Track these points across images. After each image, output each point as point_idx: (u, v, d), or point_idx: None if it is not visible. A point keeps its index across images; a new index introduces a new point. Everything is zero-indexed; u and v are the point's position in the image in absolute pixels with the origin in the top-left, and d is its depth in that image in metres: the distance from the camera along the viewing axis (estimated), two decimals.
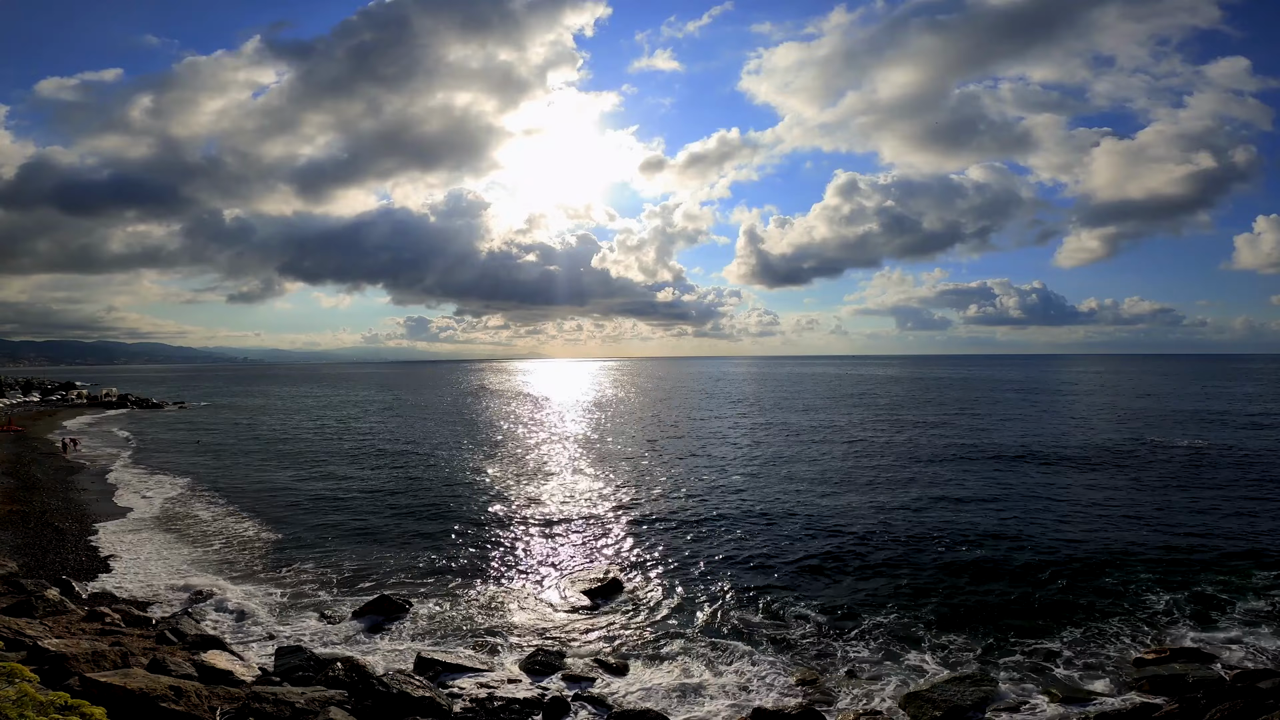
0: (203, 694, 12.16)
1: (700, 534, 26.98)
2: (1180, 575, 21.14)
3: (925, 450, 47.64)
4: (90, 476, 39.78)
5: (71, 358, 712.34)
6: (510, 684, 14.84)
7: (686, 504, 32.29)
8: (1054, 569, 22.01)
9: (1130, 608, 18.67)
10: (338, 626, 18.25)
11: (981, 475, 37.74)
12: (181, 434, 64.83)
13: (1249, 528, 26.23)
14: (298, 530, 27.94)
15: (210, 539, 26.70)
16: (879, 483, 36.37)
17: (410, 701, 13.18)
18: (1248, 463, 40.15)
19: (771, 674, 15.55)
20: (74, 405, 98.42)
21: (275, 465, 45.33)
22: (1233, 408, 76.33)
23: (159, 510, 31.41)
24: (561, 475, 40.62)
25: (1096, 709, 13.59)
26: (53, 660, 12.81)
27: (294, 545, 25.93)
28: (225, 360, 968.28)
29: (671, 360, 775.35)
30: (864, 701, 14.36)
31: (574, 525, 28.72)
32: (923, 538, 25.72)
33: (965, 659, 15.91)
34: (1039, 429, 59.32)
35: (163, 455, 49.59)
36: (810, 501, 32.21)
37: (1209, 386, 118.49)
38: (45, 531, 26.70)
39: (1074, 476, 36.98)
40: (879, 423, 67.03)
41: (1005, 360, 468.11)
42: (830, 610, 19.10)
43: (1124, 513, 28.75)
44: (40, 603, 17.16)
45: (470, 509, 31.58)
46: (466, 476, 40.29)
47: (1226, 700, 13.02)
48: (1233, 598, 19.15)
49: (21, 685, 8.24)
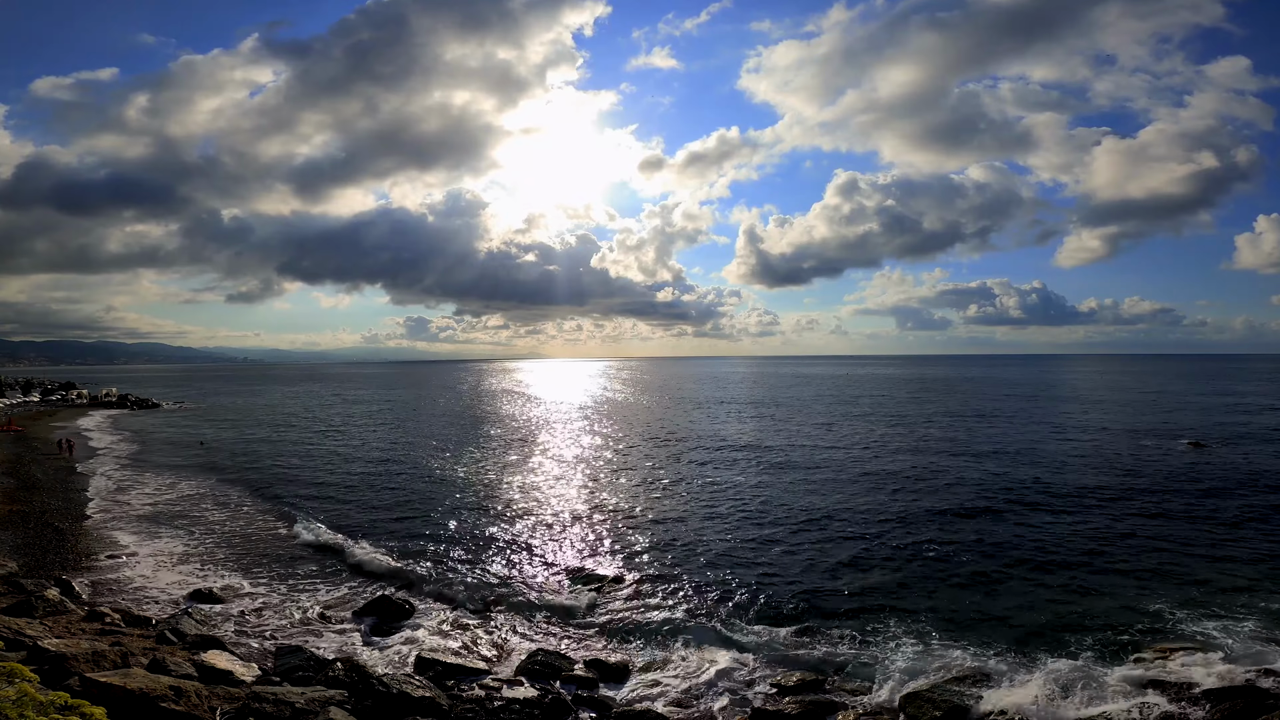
0: (203, 694, 12.16)
1: (700, 534, 26.97)
2: (1180, 575, 21.12)
3: (925, 450, 47.64)
4: (90, 476, 39.77)
5: (71, 358, 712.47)
6: (510, 684, 14.82)
7: (687, 504, 32.28)
8: (1054, 569, 22.01)
9: (1130, 607, 18.64)
10: (338, 626, 18.25)
11: (982, 475, 37.72)
12: (182, 434, 64.84)
13: (1249, 528, 26.21)
14: (298, 530, 27.92)
15: (211, 538, 26.69)
16: (879, 483, 36.35)
17: (410, 701, 13.18)
18: (1248, 463, 40.15)
19: (771, 674, 15.53)
20: (74, 405, 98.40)
21: (275, 465, 45.33)
22: (1233, 407, 76.31)
23: (159, 510, 31.40)
24: (562, 476, 40.61)
25: (1097, 709, 13.59)
26: (53, 660, 12.82)
27: (294, 545, 25.94)
28: (225, 360, 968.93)
29: (671, 360, 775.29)
30: (864, 701, 14.36)
31: (574, 526, 28.71)
32: (922, 538, 25.71)
33: (965, 659, 15.89)
34: (1039, 429, 59.31)
35: (163, 455, 49.60)
36: (811, 502, 32.20)
37: (1209, 387, 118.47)
38: (45, 531, 26.69)
39: (1073, 477, 36.95)
40: (879, 423, 67.03)
41: (1005, 360, 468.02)
42: (830, 611, 19.10)
43: (1124, 513, 28.72)
44: (40, 603, 17.17)
45: (471, 509, 31.57)
46: (467, 476, 40.29)
47: (1226, 700, 13.02)
48: (1233, 598, 19.12)
49: (21, 685, 8.24)
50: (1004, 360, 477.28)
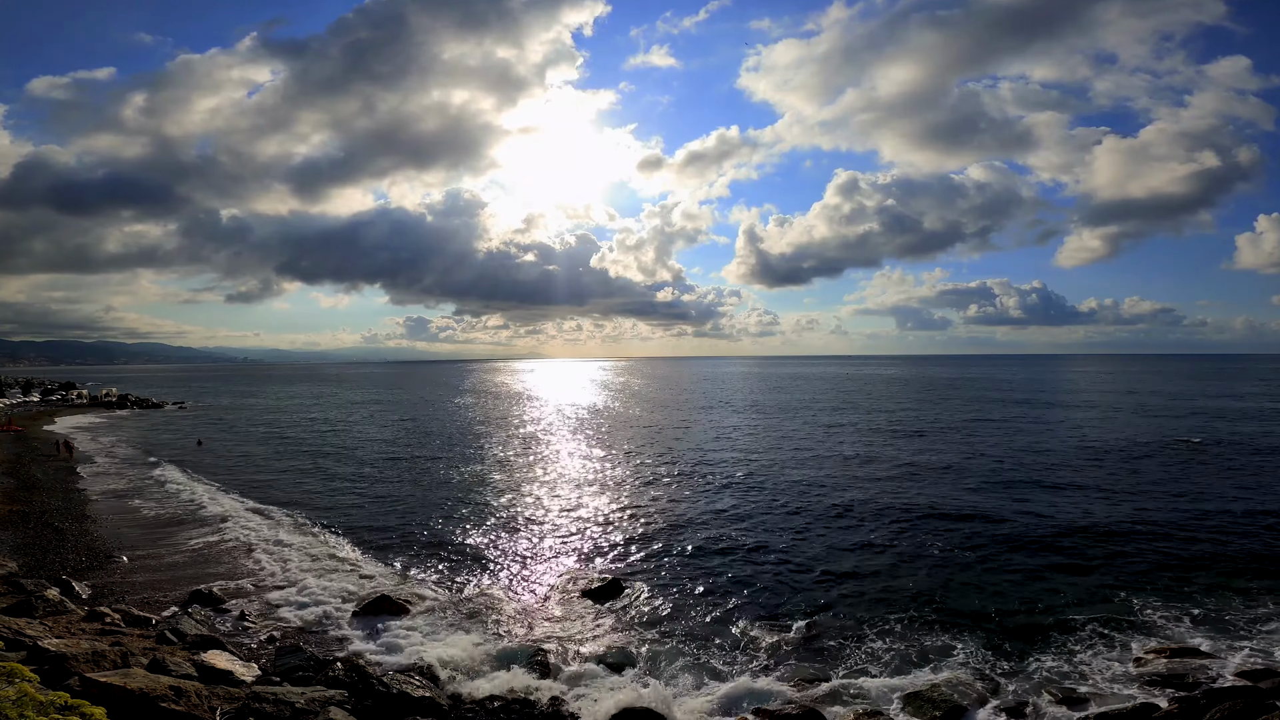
0: (203, 694, 12.15)
1: (700, 535, 26.96)
2: (1180, 575, 21.13)
3: (925, 451, 47.64)
4: (90, 476, 39.76)
5: (71, 358, 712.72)
6: (510, 684, 14.82)
7: (687, 505, 32.28)
8: (1054, 569, 22.02)
9: (1130, 607, 18.65)
10: (338, 626, 18.25)
11: (981, 476, 37.71)
12: (182, 434, 64.83)
13: (1249, 528, 26.21)
14: (298, 529, 27.94)
15: (210, 538, 26.69)
16: (879, 484, 36.36)
17: (410, 701, 13.18)
18: (1248, 462, 40.15)
19: (771, 674, 15.54)
20: (74, 405, 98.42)
21: (275, 465, 45.34)
22: (1233, 408, 76.31)
23: (159, 509, 31.40)
24: (562, 476, 40.61)
25: (1096, 709, 13.58)
26: (53, 660, 12.81)
27: (294, 544, 25.91)
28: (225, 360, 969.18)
29: (671, 360, 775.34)
30: (864, 701, 14.36)
31: (574, 526, 28.71)
32: (922, 538, 25.71)
33: (965, 659, 15.90)
34: (1039, 429, 59.32)
35: (163, 455, 49.58)
36: (810, 503, 32.21)
37: (1209, 387, 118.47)
38: (45, 531, 26.69)
39: (1073, 477, 36.95)
40: (879, 424, 67.04)
41: (1005, 360, 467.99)
42: (830, 611, 19.10)
43: (1123, 513, 28.73)
44: (40, 603, 17.18)
45: (471, 509, 31.57)
46: (466, 476, 40.29)
47: (1226, 700, 13.01)
48: (1233, 597, 19.13)
49: (21, 685, 8.23)
50: (1004, 360, 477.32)
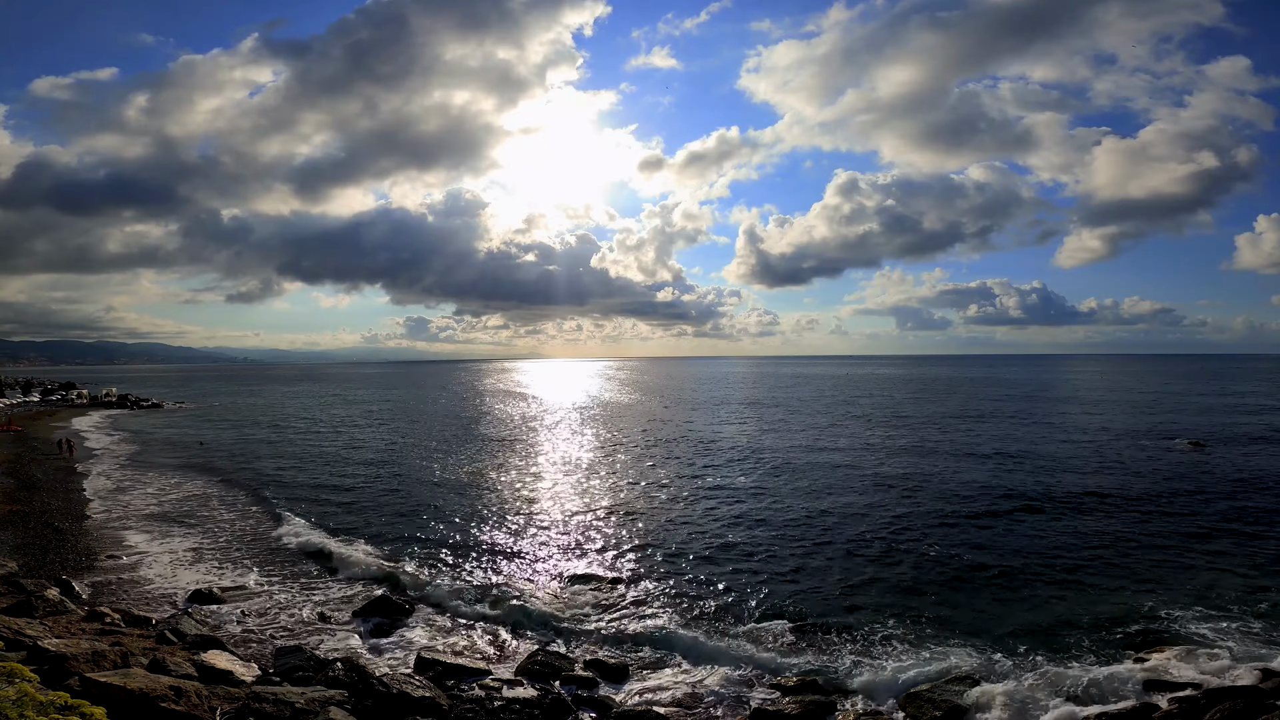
0: (203, 694, 12.16)
1: (700, 535, 26.97)
2: (1180, 574, 21.12)
3: (925, 451, 47.62)
4: (90, 476, 39.75)
5: (71, 358, 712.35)
6: (510, 685, 14.82)
7: (686, 505, 32.28)
8: (1053, 569, 22.00)
9: (1130, 607, 18.64)
10: (338, 626, 18.25)
11: (981, 476, 37.70)
12: (182, 434, 64.80)
13: (1249, 528, 26.20)
14: (297, 530, 27.91)
15: (211, 539, 26.69)
16: (878, 484, 36.34)
17: (410, 701, 13.17)
18: (1247, 463, 40.13)
19: (771, 675, 15.54)
20: (74, 405, 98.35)
21: (276, 465, 45.31)
22: (1233, 408, 76.23)
23: (159, 510, 31.39)
24: (561, 477, 40.60)
25: (1096, 709, 13.58)
26: (53, 660, 12.81)
27: (294, 545, 25.89)
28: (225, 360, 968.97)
29: (671, 360, 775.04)
30: (864, 701, 14.37)
31: (574, 527, 28.71)
32: (922, 539, 25.71)
33: (965, 659, 15.89)
34: (1038, 429, 59.29)
35: (163, 455, 49.57)
36: (810, 503, 32.21)
37: (1209, 387, 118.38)
38: (45, 531, 26.68)
39: (1073, 477, 36.94)
40: (879, 424, 67.03)
41: (1005, 360, 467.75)
42: (830, 611, 19.11)
43: (1123, 513, 28.72)
44: (40, 603, 17.17)
45: (470, 510, 31.57)
46: (467, 477, 40.28)
47: (1226, 700, 13.01)
48: (1233, 598, 19.12)
49: (21, 685, 8.23)
50: (1004, 360, 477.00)
